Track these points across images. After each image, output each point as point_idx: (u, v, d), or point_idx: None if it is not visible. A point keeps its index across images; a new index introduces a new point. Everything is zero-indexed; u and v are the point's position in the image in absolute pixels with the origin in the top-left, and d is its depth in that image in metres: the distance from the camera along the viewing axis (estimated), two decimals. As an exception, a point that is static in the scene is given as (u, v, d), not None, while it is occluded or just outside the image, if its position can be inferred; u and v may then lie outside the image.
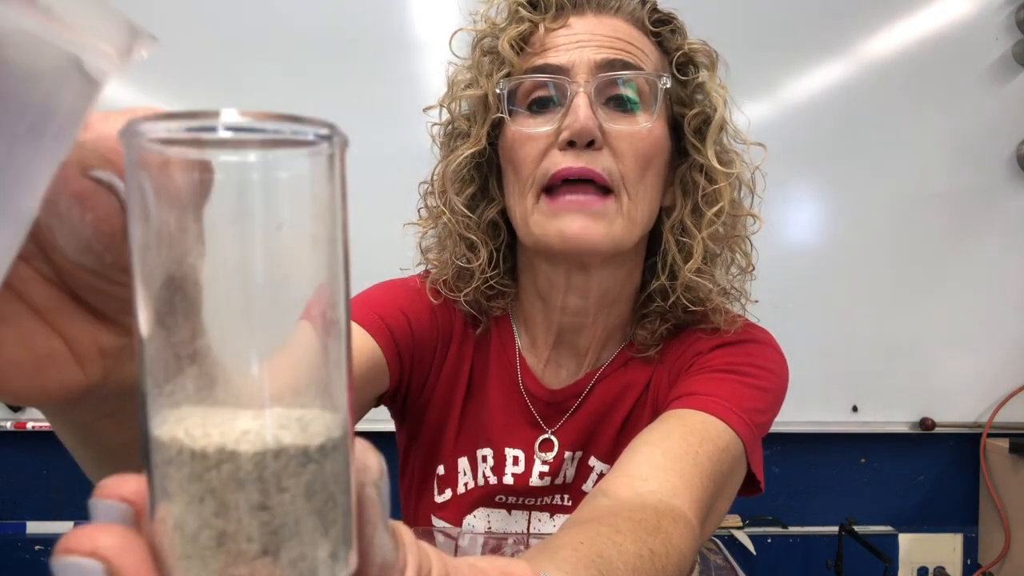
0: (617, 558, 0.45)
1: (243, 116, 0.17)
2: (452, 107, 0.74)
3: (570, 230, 0.65)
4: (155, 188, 0.18)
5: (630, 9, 0.71)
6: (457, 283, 0.75)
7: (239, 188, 0.18)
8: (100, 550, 0.17)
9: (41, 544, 1.53)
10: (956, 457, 1.62)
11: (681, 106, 0.72)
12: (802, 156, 1.51)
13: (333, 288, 0.19)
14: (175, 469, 0.17)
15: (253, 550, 0.17)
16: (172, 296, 0.18)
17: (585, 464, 0.77)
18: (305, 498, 0.18)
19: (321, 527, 0.18)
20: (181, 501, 0.17)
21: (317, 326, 0.18)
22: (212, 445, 0.17)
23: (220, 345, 0.18)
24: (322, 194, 0.18)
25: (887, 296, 1.54)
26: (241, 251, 0.18)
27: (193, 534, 0.17)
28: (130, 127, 0.18)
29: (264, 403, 0.18)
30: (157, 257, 0.18)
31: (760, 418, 0.68)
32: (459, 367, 0.78)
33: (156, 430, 0.18)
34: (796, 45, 1.52)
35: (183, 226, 0.18)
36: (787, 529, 1.60)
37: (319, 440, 0.18)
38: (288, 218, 0.18)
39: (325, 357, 0.19)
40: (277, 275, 0.18)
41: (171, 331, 0.18)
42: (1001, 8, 1.51)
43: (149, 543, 0.18)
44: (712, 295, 0.73)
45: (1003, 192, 1.53)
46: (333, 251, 0.19)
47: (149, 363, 0.18)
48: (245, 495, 0.17)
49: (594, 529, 0.48)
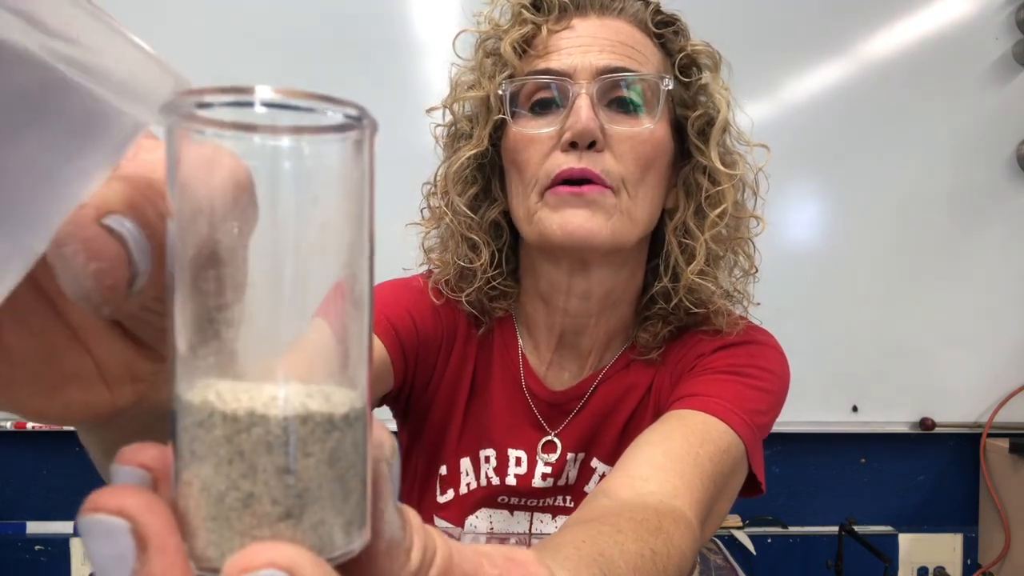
0: (619, 557, 0.45)
1: (278, 93, 0.18)
2: (455, 108, 0.74)
3: (571, 223, 0.65)
4: (192, 164, 0.18)
5: (633, 11, 0.71)
6: (459, 283, 0.75)
7: (272, 168, 0.18)
8: (126, 509, 0.17)
9: (41, 544, 1.53)
10: (956, 457, 1.62)
11: (684, 108, 0.72)
12: (802, 156, 1.51)
13: (358, 268, 0.19)
14: (205, 432, 0.18)
15: (277, 512, 0.18)
16: (205, 267, 0.18)
17: (587, 465, 0.77)
18: (328, 464, 0.18)
19: (341, 495, 0.18)
20: (209, 464, 0.18)
21: (343, 304, 0.19)
22: (243, 408, 0.18)
23: (251, 317, 0.18)
24: (351, 175, 0.19)
25: (887, 296, 1.54)
26: (272, 229, 0.18)
27: (219, 496, 0.17)
28: (168, 105, 0.18)
29: (291, 374, 0.18)
30: (191, 230, 0.18)
31: (761, 419, 0.69)
32: (463, 368, 0.78)
33: (187, 394, 0.18)
34: (796, 45, 1.52)
35: (216, 201, 0.18)
36: (787, 529, 1.60)
37: (343, 409, 0.19)
38: (318, 197, 0.19)
39: (349, 334, 0.19)
40: (306, 253, 0.18)
41: (204, 299, 0.18)
42: (1001, 8, 1.51)
43: (172, 506, 0.18)
44: (714, 297, 0.73)
45: (1003, 192, 1.53)
46: (360, 232, 0.19)
47: (182, 328, 0.18)
48: (273, 458, 0.18)
49: (595, 528, 0.48)
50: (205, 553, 0.18)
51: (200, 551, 0.18)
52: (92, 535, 0.17)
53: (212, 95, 0.18)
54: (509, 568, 0.20)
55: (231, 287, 0.18)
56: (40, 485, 1.56)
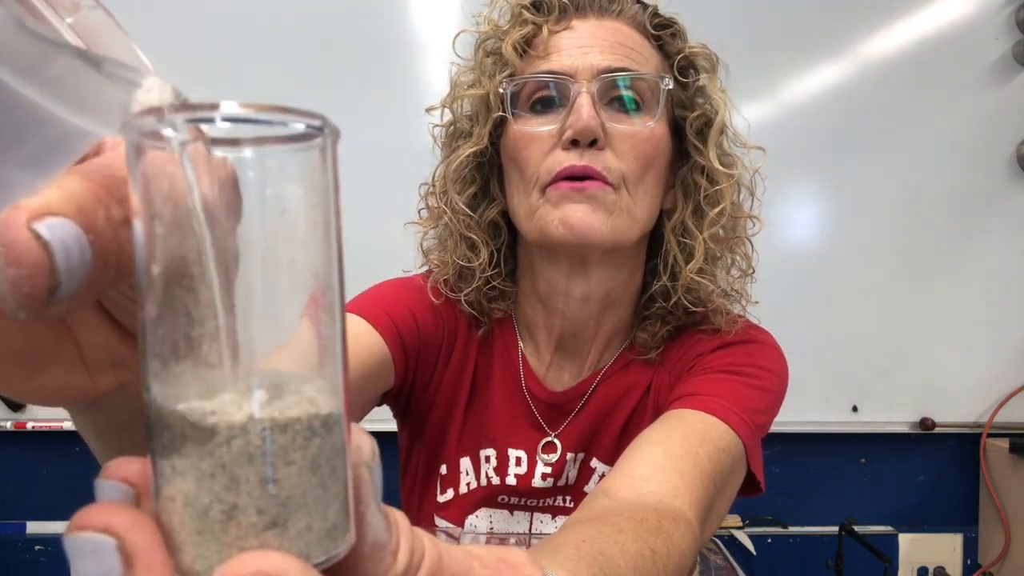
0: (619, 557, 0.45)
1: (240, 108, 0.18)
2: (454, 107, 0.75)
3: (572, 218, 0.65)
4: (153, 180, 0.18)
5: (631, 13, 0.71)
6: (458, 283, 0.75)
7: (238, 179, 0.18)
8: (112, 526, 0.17)
9: (41, 544, 1.53)
10: (956, 457, 1.62)
11: (682, 109, 0.72)
12: (802, 156, 1.51)
13: (329, 275, 0.19)
14: (184, 446, 0.18)
15: (263, 522, 0.18)
16: (175, 281, 0.18)
17: (587, 466, 0.77)
18: (311, 471, 0.18)
19: (324, 500, 0.19)
20: (191, 478, 0.18)
21: (316, 310, 0.19)
22: (221, 421, 0.18)
23: (224, 327, 0.18)
24: (316, 184, 0.19)
25: (887, 296, 1.54)
26: (241, 241, 0.19)
27: (204, 510, 0.17)
28: (128, 121, 0.18)
29: (268, 383, 0.18)
30: (159, 244, 0.18)
31: (760, 418, 0.69)
32: (463, 367, 0.78)
33: (162, 408, 0.18)
34: (796, 45, 1.52)
35: (181, 215, 0.18)
36: (787, 529, 1.60)
37: (322, 414, 0.19)
38: (284, 208, 0.19)
39: (323, 339, 0.19)
40: (276, 263, 0.19)
41: (174, 314, 0.18)
42: (1001, 8, 1.51)
43: (156, 521, 0.18)
44: (713, 296, 0.74)
45: (1003, 192, 1.53)
46: (328, 240, 0.19)
47: (154, 344, 0.18)
48: (255, 469, 0.18)
49: (596, 528, 0.48)
50: (192, 567, 0.18)
51: (187, 565, 0.18)
52: (79, 553, 0.17)
53: (173, 112, 0.18)
54: (501, 570, 0.20)
55: (203, 297, 0.18)
56: (40, 485, 1.56)
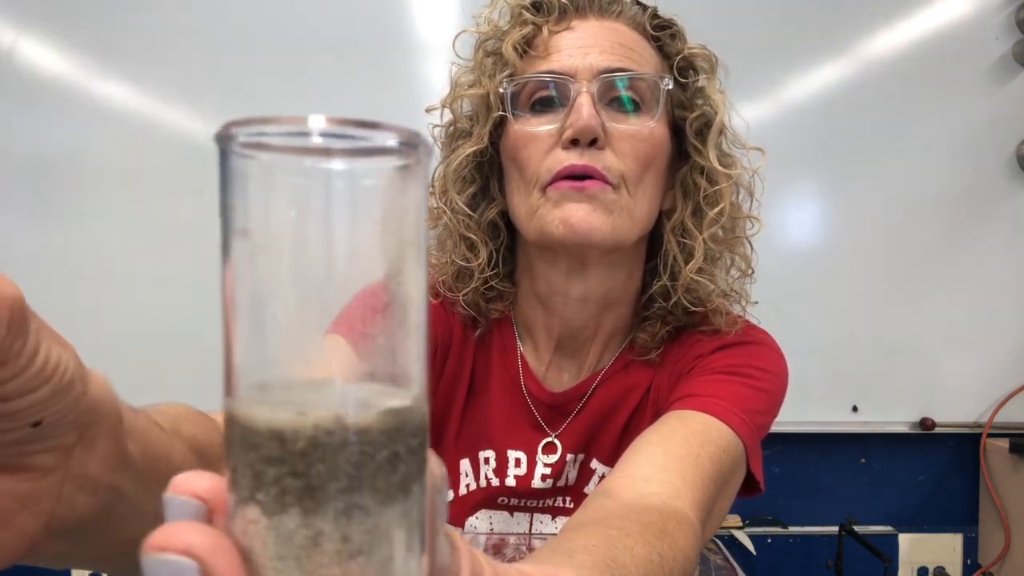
0: (630, 562, 0.45)
1: (331, 123, 0.17)
2: (454, 107, 0.75)
3: (573, 217, 0.65)
4: (243, 191, 0.18)
5: (631, 14, 0.72)
6: (456, 283, 0.75)
7: (327, 193, 0.18)
8: (194, 548, 0.16)
9: (41, 544, 1.53)
10: (956, 457, 1.62)
11: (682, 109, 0.72)
12: (802, 156, 1.51)
13: (420, 294, 0.19)
14: (271, 465, 0.17)
15: (348, 550, 0.17)
16: (264, 299, 0.18)
17: (587, 467, 0.77)
18: (397, 498, 0.18)
19: (407, 528, 0.18)
20: (277, 501, 0.17)
21: (399, 321, 0.19)
22: (313, 441, 0.17)
23: (307, 342, 0.18)
24: (405, 198, 0.19)
25: (887, 296, 1.54)
26: (324, 250, 0.18)
27: (289, 534, 0.17)
28: (224, 131, 0.18)
29: (360, 399, 0.18)
30: (251, 261, 0.18)
31: (760, 419, 0.69)
32: (460, 370, 0.78)
33: (249, 424, 0.18)
34: (796, 45, 1.52)
35: (272, 225, 0.18)
36: (787, 529, 1.60)
37: (411, 435, 0.18)
38: (372, 221, 0.18)
39: (409, 358, 0.19)
40: (358, 273, 0.18)
41: (261, 328, 0.18)
42: (1001, 8, 1.51)
43: (236, 543, 0.17)
44: (713, 296, 0.74)
45: (1003, 192, 1.53)
46: (418, 250, 0.19)
47: (240, 358, 0.18)
48: (344, 495, 0.17)
49: (604, 532, 0.48)
50: None
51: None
52: (158, 575, 0.16)
53: (269, 126, 0.17)
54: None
55: (292, 313, 0.18)
56: (40, 485, 1.56)
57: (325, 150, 0.18)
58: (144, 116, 1.43)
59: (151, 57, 1.43)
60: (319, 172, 0.18)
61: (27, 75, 1.41)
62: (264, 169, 0.18)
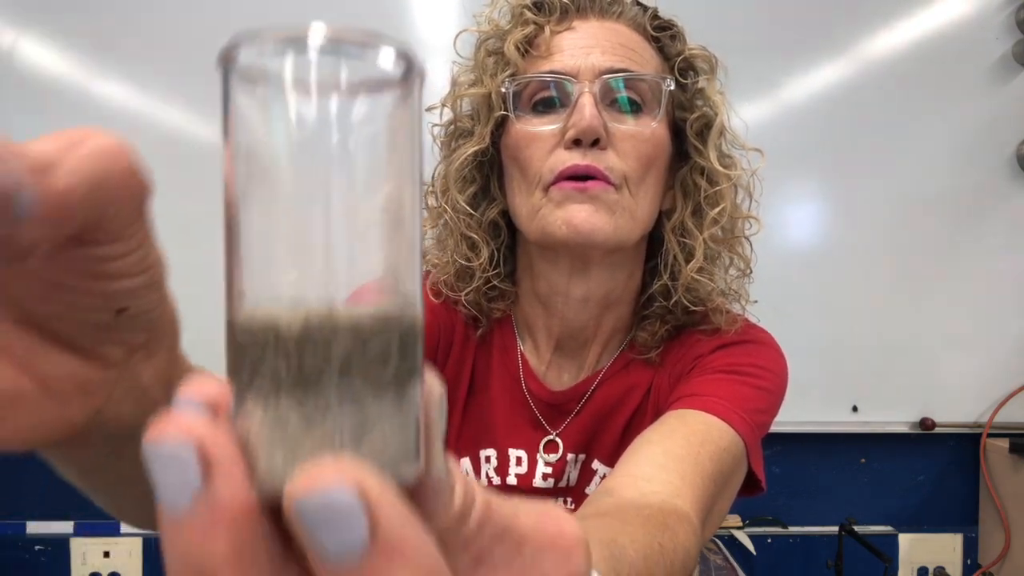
0: (629, 545, 0.45)
1: (329, 35, 0.18)
2: (455, 106, 0.75)
3: (576, 218, 0.65)
4: (244, 104, 0.19)
5: (632, 15, 0.72)
6: (458, 283, 0.76)
7: (325, 105, 0.19)
8: (195, 435, 0.17)
9: (41, 544, 1.53)
10: (956, 457, 1.62)
11: (682, 110, 0.72)
12: (801, 156, 1.51)
13: (414, 203, 0.20)
14: (266, 355, 0.18)
15: (340, 436, 0.18)
16: (261, 200, 0.19)
17: (588, 467, 0.77)
18: (389, 390, 0.19)
19: (400, 423, 0.19)
20: (272, 388, 0.18)
21: (398, 226, 0.20)
22: (305, 327, 0.18)
23: (306, 246, 0.19)
24: (404, 112, 0.20)
25: (887, 296, 1.54)
26: (328, 164, 0.19)
27: (283, 421, 0.18)
28: (227, 48, 0.19)
29: (350, 301, 0.19)
30: (247, 167, 0.19)
31: (761, 418, 0.69)
32: (460, 368, 0.78)
33: (246, 318, 0.18)
34: (796, 45, 1.52)
35: (269, 142, 0.19)
36: (787, 529, 1.60)
37: (404, 331, 0.19)
38: (372, 134, 0.19)
39: (403, 264, 0.20)
40: (362, 185, 0.19)
41: (266, 225, 0.19)
42: (1001, 8, 1.51)
43: (235, 434, 0.18)
44: (713, 295, 0.74)
45: (1003, 192, 1.53)
46: (412, 164, 0.20)
47: (239, 257, 0.19)
48: (336, 383, 0.18)
49: (604, 520, 0.49)
50: (268, 477, 0.18)
51: (263, 474, 0.18)
52: (157, 461, 0.17)
53: (265, 41, 0.18)
54: (543, 520, 0.20)
55: (288, 210, 0.19)
56: (40, 485, 1.56)
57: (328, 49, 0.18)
58: (144, 116, 1.43)
59: (151, 57, 1.43)
60: (319, 84, 0.19)
61: (27, 75, 1.41)
62: (263, 87, 0.19)
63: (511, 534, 0.20)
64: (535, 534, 0.20)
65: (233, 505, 0.17)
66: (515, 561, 0.19)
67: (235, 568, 0.16)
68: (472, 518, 0.19)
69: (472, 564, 0.19)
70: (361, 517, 0.16)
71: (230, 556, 0.16)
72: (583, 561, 0.20)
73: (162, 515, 0.17)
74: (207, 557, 0.16)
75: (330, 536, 0.16)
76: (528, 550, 0.20)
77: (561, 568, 0.20)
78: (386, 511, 0.16)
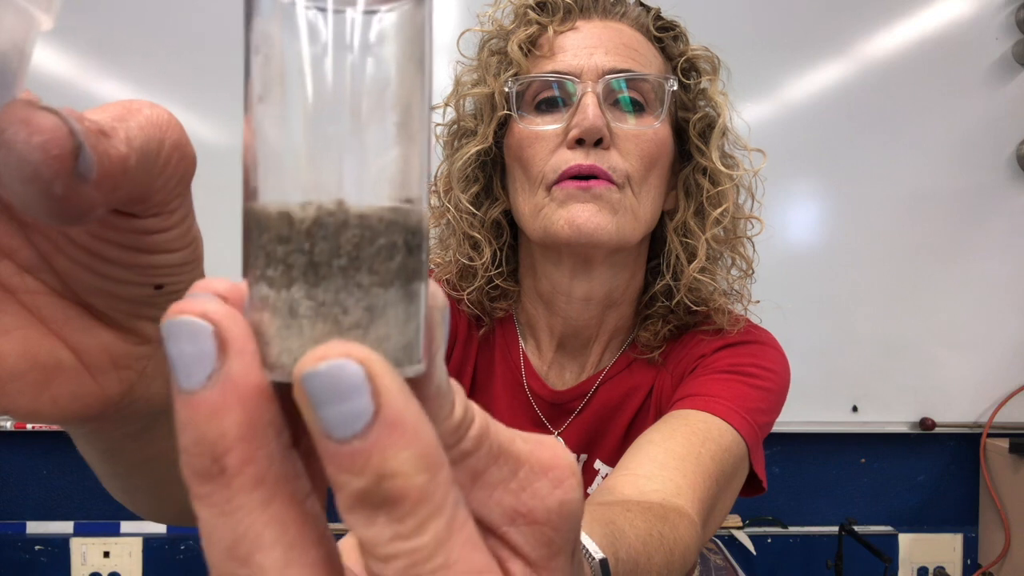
0: (629, 529, 0.46)
1: None
2: (458, 106, 0.75)
3: (579, 218, 0.65)
4: (264, 9, 0.19)
5: (635, 15, 0.72)
6: (460, 282, 0.76)
7: (339, 11, 0.20)
8: (210, 313, 0.17)
9: (41, 544, 1.53)
10: (956, 457, 1.62)
11: (684, 111, 0.73)
12: (802, 156, 1.51)
13: (422, 106, 0.21)
14: (278, 245, 0.19)
15: (347, 322, 0.19)
16: (281, 103, 0.20)
17: (590, 467, 0.77)
18: (395, 281, 0.20)
19: (404, 316, 0.20)
20: (283, 275, 0.19)
21: (408, 130, 0.21)
22: (315, 216, 0.19)
23: (320, 140, 0.20)
24: (415, 19, 0.20)
25: (887, 296, 1.54)
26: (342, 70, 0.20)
27: (294, 305, 0.19)
28: None
29: (364, 196, 0.20)
30: (266, 68, 0.20)
31: (763, 418, 0.69)
32: (463, 368, 0.78)
33: (259, 210, 0.19)
34: (796, 45, 1.52)
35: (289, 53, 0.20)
36: (787, 529, 1.60)
37: (412, 226, 0.20)
38: (385, 45, 0.20)
39: (411, 169, 0.21)
40: (373, 88, 0.20)
41: (281, 128, 0.20)
42: (1001, 8, 1.51)
43: (249, 319, 0.19)
44: (715, 295, 0.74)
45: (1003, 192, 1.53)
46: (422, 74, 0.21)
47: (257, 156, 0.20)
48: (345, 271, 0.19)
49: (604, 507, 0.49)
50: (279, 360, 0.18)
51: (274, 358, 0.18)
52: (175, 335, 0.17)
53: None
54: (539, 447, 0.21)
55: (304, 112, 0.20)
56: (40, 485, 1.56)
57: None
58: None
59: (151, 57, 1.43)
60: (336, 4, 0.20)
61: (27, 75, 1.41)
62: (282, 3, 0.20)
63: (507, 456, 0.20)
64: (531, 458, 0.20)
65: (247, 383, 0.17)
66: (510, 482, 0.20)
67: (246, 446, 0.17)
68: (470, 435, 0.20)
69: (468, 480, 0.20)
70: (366, 390, 0.16)
71: (242, 433, 0.17)
72: (575, 487, 0.20)
73: (176, 394, 0.17)
74: (219, 435, 0.17)
75: (335, 409, 0.16)
76: (523, 473, 0.20)
77: (554, 492, 0.20)
78: (390, 388, 0.16)
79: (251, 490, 0.17)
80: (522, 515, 0.20)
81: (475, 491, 0.20)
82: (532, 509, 0.20)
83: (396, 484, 0.16)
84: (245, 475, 0.17)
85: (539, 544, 0.20)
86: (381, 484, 0.16)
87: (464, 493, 0.20)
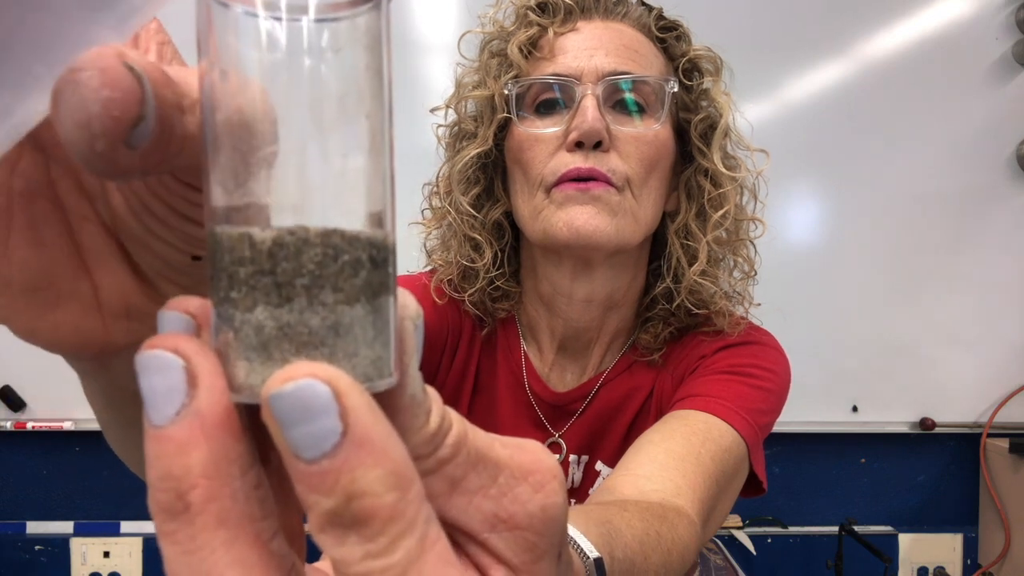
0: (625, 529, 0.46)
1: None
2: (459, 108, 0.75)
3: (577, 220, 0.65)
4: (218, 23, 0.19)
5: (636, 16, 0.72)
6: (462, 283, 0.76)
7: (294, 24, 0.19)
8: (181, 348, 0.18)
9: (41, 544, 1.53)
10: (956, 457, 1.62)
11: (686, 112, 0.72)
12: (802, 156, 1.51)
13: (380, 116, 0.21)
14: (242, 267, 0.19)
15: (313, 341, 0.19)
16: (237, 125, 0.19)
17: (591, 469, 0.77)
18: (361, 298, 0.19)
19: (372, 331, 0.20)
20: (247, 297, 0.19)
21: (369, 146, 0.20)
22: (277, 238, 0.19)
23: (281, 166, 0.20)
24: (372, 27, 0.20)
25: (887, 296, 1.54)
26: (299, 81, 0.20)
27: (259, 326, 0.19)
28: None
29: (326, 211, 0.20)
30: (224, 92, 0.19)
31: (763, 419, 0.69)
32: (466, 368, 0.78)
33: (223, 233, 0.19)
34: (796, 45, 1.52)
35: (241, 61, 0.19)
36: (787, 529, 1.60)
37: (377, 242, 0.20)
38: (341, 48, 0.20)
39: (375, 176, 0.21)
40: (332, 101, 0.20)
41: (239, 146, 0.20)
42: (1001, 8, 1.51)
43: (216, 349, 0.19)
44: (716, 297, 0.74)
45: (1003, 192, 1.53)
46: (380, 82, 0.20)
47: (219, 173, 0.20)
48: (308, 289, 0.19)
49: (601, 506, 0.49)
50: (247, 381, 0.18)
51: (241, 380, 0.18)
52: (148, 369, 0.18)
53: None
54: (520, 452, 0.21)
55: (263, 138, 0.20)
56: (40, 485, 1.56)
57: None
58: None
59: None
60: (288, 3, 0.19)
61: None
62: (233, 11, 0.19)
63: (487, 462, 0.20)
64: (511, 463, 0.20)
65: (214, 418, 0.17)
66: (490, 488, 0.20)
67: (210, 483, 0.17)
68: (447, 442, 0.20)
69: (447, 488, 0.20)
70: (333, 410, 0.16)
71: (207, 470, 0.17)
72: (557, 491, 0.20)
73: (146, 429, 0.17)
74: (184, 470, 0.17)
75: (302, 430, 0.16)
76: (503, 478, 0.20)
77: (535, 497, 0.20)
78: (357, 407, 0.16)
79: (215, 528, 0.17)
80: (503, 521, 0.20)
81: (455, 498, 0.20)
82: (513, 514, 0.20)
83: (366, 503, 0.16)
84: (208, 513, 0.17)
85: (522, 549, 0.20)
86: (351, 503, 0.16)
87: (443, 501, 0.20)
